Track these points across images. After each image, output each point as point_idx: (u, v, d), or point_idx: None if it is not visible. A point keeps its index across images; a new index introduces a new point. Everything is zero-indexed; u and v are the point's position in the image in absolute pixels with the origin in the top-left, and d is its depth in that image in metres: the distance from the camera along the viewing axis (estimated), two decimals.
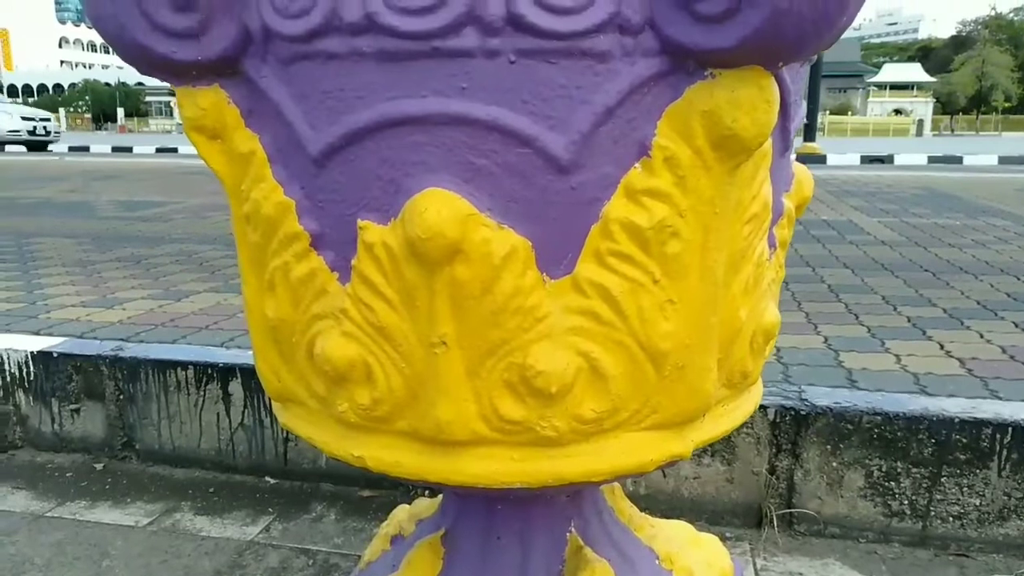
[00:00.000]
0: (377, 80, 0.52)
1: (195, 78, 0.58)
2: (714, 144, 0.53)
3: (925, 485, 1.32)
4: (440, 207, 0.52)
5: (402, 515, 1.00)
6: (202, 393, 1.59)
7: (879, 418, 1.33)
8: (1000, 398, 1.92)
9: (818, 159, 11.00)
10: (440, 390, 0.57)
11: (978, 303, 2.80)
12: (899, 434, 1.32)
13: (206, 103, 0.58)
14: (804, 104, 0.67)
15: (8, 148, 14.64)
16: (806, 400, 1.37)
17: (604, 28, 0.49)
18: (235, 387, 1.57)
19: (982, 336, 2.39)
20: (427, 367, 0.56)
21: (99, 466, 1.66)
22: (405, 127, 0.52)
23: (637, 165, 0.54)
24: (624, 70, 0.51)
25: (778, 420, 1.36)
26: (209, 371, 1.58)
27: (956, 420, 1.31)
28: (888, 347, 2.29)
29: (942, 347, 2.29)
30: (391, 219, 0.55)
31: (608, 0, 0.49)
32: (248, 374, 1.57)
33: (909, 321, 2.57)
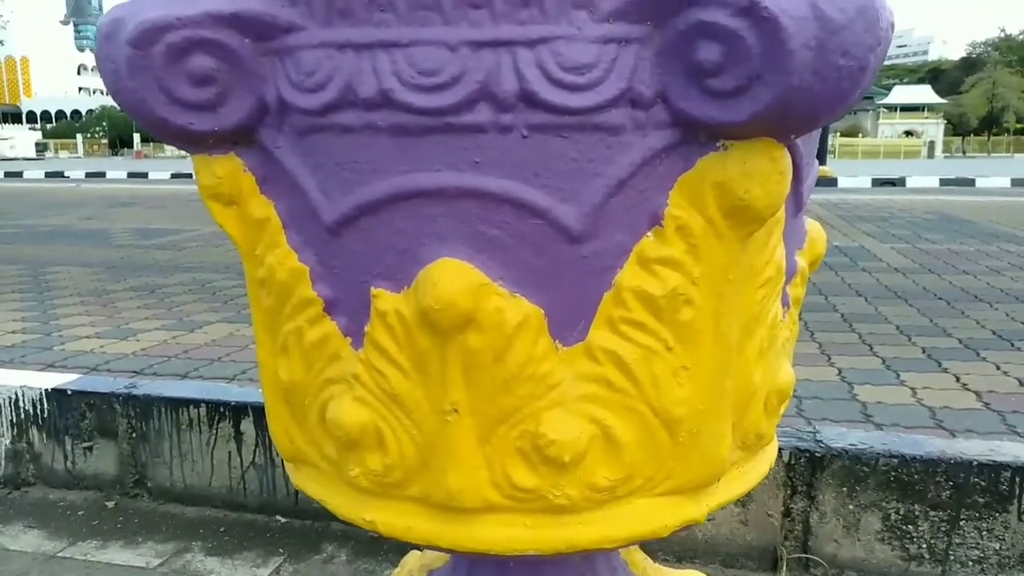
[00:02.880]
0: (391, 153, 0.52)
1: (211, 147, 0.58)
2: (726, 213, 0.53)
3: (944, 528, 1.30)
4: (453, 278, 0.52)
5: (413, 562, 0.99)
6: (214, 431, 1.60)
7: (896, 460, 1.31)
8: (1018, 434, 1.89)
9: (829, 182, 10.99)
10: (451, 457, 0.56)
11: (994, 333, 2.77)
12: (916, 476, 1.30)
13: (222, 171, 0.59)
14: (816, 164, 0.67)
15: (27, 174, 14.85)
16: (821, 442, 1.35)
17: (616, 103, 0.50)
18: (247, 425, 1.57)
19: (998, 368, 2.36)
20: (439, 434, 0.56)
21: (111, 504, 1.66)
22: (419, 199, 0.53)
23: (649, 234, 0.54)
24: (636, 142, 0.51)
25: (793, 462, 1.34)
26: (221, 409, 1.59)
27: (974, 463, 1.29)
28: (903, 379, 2.27)
29: (958, 379, 2.26)
30: (404, 287, 0.55)
31: (620, 76, 0.49)
32: (260, 413, 1.57)
33: (924, 352, 2.54)
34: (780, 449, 1.34)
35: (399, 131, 0.52)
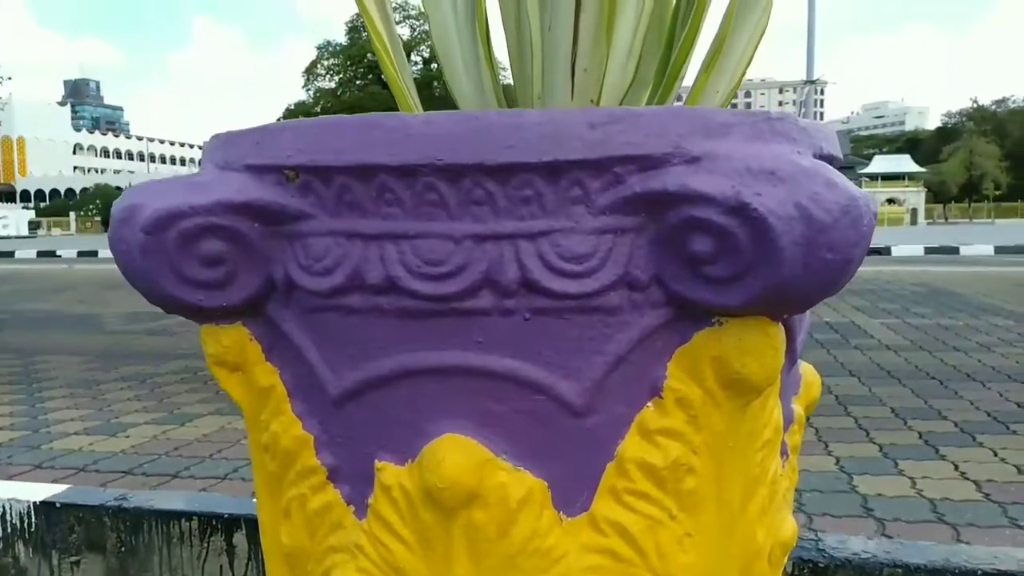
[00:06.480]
0: (397, 333, 0.54)
1: (219, 318, 0.60)
2: (724, 385, 0.54)
3: None
4: (457, 455, 0.53)
5: None
6: (205, 545, 1.56)
7: (900, 571, 1.29)
8: (1019, 527, 1.87)
9: None
10: None
11: (988, 415, 2.77)
12: None
13: (228, 341, 0.60)
14: (808, 315, 0.69)
15: (19, 254, 14.86)
16: (824, 551, 1.33)
17: (614, 287, 0.52)
18: (239, 538, 1.54)
19: (995, 454, 2.35)
20: None
21: None
22: (424, 376, 0.54)
23: (650, 404, 0.55)
24: (633, 321, 0.53)
25: (796, 573, 1.32)
26: (214, 522, 1.56)
27: (979, 572, 1.28)
28: (902, 468, 2.25)
29: (956, 467, 2.25)
30: (408, 460, 0.55)
31: (616, 263, 0.51)
32: (253, 525, 1.54)
33: (921, 437, 2.54)
34: None
35: (405, 314, 0.53)
